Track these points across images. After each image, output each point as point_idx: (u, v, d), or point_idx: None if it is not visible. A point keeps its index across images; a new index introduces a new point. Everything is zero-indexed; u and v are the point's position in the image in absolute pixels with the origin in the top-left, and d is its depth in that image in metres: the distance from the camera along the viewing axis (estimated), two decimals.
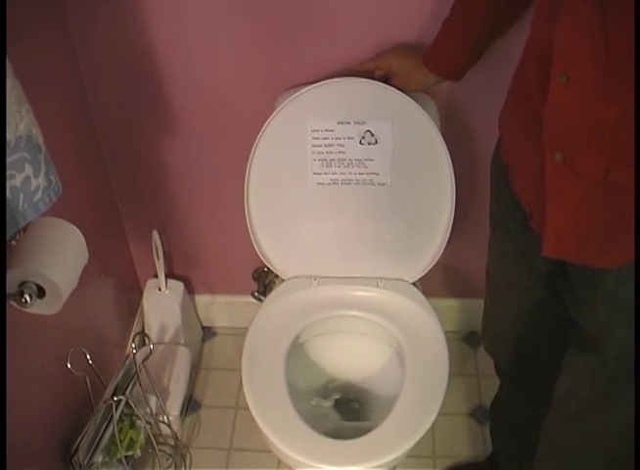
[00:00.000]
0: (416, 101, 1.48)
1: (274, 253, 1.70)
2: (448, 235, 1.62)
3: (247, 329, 1.64)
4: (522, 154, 1.19)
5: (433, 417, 1.45)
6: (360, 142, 1.54)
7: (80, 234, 1.27)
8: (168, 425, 1.88)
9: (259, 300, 1.93)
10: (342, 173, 1.59)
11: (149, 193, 1.91)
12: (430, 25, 1.43)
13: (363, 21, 1.51)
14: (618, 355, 1.16)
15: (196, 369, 2.17)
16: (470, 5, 1.35)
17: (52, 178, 1.12)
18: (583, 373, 1.24)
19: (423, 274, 1.70)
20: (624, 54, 0.90)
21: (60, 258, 1.22)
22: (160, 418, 1.87)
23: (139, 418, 1.75)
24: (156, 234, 1.94)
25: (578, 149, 1.01)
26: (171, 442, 1.93)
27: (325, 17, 1.51)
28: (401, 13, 1.49)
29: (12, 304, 1.17)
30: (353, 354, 1.78)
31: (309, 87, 1.48)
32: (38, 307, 1.20)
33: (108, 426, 1.67)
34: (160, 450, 1.84)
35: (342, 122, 1.52)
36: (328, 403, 1.73)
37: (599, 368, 1.20)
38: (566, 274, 1.21)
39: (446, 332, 1.63)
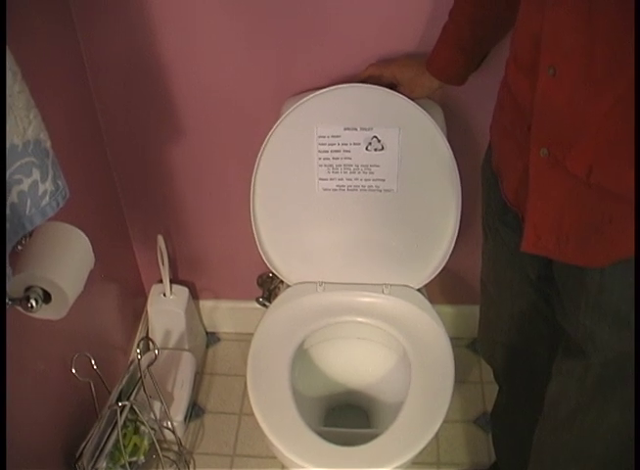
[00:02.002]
0: (422, 107, 1.48)
1: (279, 258, 1.70)
2: (454, 241, 1.63)
3: (251, 335, 1.64)
4: (509, 156, 1.20)
5: (438, 424, 1.45)
6: (366, 148, 1.54)
7: (86, 238, 1.27)
8: (172, 431, 1.88)
9: (264, 305, 1.93)
10: (349, 179, 1.59)
11: (154, 198, 1.91)
12: (433, 32, 1.44)
13: (369, 28, 1.51)
14: (603, 362, 1.17)
15: (200, 375, 2.17)
16: (461, 7, 1.36)
17: (59, 183, 1.12)
18: (570, 379, 1.25)
19: (428, 281, 1.70)
20: (609, 48, 0.90)
21: (66, 263, 1.21)
22: (164, 424, 1.87)
23: (143, 424, 1.75)
24: (161, 239, 1.94)
25: (563, 145, 1.02)
26: (175, 447, 1.93)
27: (330, 24, 1.52)
28: (406, 21, 1.50)
29: (18, 308, 1.17)
30: (358, 361, 1.78)
31: (316, 93, 1.48)
32: (44, 312, 1.20)
33: (112, 431, 1.67)
34: (163, 456, 1.84)
35: (348, 128, 1.52)
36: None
37: (584, 374, 1.21)
38: (554, 279, 1.21)
39: (450, 339, 1.62)
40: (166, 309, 2.06)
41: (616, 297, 1.08)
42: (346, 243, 1.69)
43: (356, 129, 1.52)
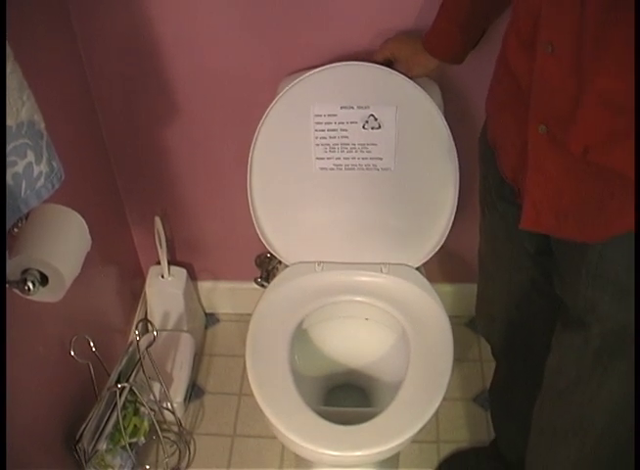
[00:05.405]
0: (419, 85, 1.47)
1: (277, 238, 1.70)
2: (452, 220, 1.62)
3: (250, 315, 1.64)
4: (506, 131, 1.20)
5: (437, 403, 1.45)
6: (363, 127, 1.53)
7: (83, 220, 1.26)
8: (172, 412, 1.88)
9: (262, 286, 1.93)
10: (346, 158, 1.58)
11: (151, 179, 1.90)
12: (431, 10, 1.43)
13: (366, 5, 1.50)
14: (602, 332, 1.17)
15: (199, 356, 2.17)
16: None
17: (54, 164, 1.11)
18: (570, 350, 1.25)
19: (427, 259, 1.70)
20: (599, 26, 0.90)
21: (62, 245, 1.21)
22: (164, 405, 1.88)
23: (143, 405, 1.75)
24: (158, 221, 1.93)
25: (560, 122, 1.02)
26: (175, 428, 1.93)
27: (328, 2, 1.50)
28: None
29: (15, 291, 1.16)
30: (357, 340, 1.78)
31: (312, 72, 1.47)
32: (41, 295, 1.20)
33: (112, 413, 1.67)
34: (163, 437, 1.84)
35: (345, 107, 1.51)
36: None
37: (584, 345, 1.21)
38: (552, 252, 1.21)
39: (449, 317, 1.62)
40: (165, 291, 2.05)
41: (617, 266, 1.08)
42: (344, 222, 1.68)
43: (353, 108, 1.51)
